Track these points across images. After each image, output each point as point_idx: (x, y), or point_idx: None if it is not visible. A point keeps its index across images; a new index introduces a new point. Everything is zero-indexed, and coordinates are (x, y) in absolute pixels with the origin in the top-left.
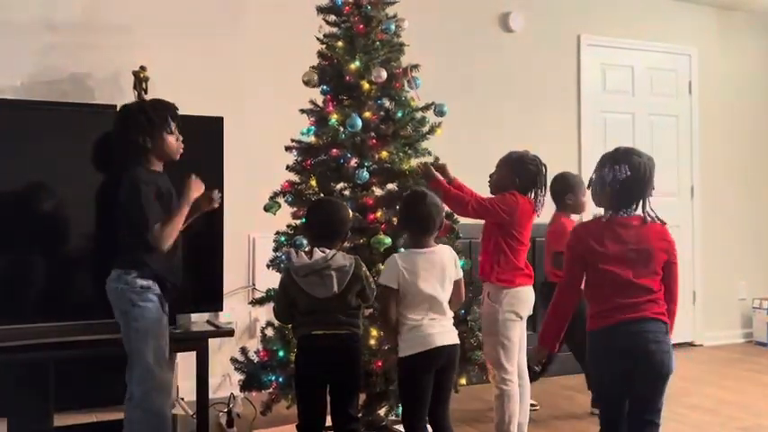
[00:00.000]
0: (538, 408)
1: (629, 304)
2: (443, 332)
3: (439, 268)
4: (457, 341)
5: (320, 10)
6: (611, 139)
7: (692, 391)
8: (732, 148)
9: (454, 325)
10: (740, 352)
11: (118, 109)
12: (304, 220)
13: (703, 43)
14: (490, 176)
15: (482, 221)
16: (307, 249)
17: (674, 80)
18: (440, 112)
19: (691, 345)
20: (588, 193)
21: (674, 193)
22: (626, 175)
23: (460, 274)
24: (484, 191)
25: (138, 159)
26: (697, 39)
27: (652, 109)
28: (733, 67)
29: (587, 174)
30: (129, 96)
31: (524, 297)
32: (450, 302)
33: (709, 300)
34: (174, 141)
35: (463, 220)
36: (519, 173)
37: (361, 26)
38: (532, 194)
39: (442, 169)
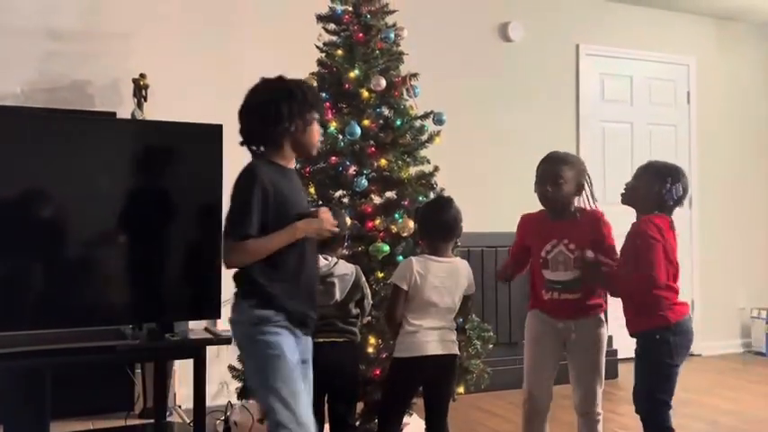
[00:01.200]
0: None
1: None
2: (441, 342)
3: (453, 280)
4: (454, 352)
5: (320, 18)
6: (610, 148)
7: (692, 401)
8: (730, 157)
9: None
10: (739, 362)
11: (259, 81)
12: None
13: (702, 53)
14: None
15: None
16: None
17: (672, 90)
18: (438, 121)
19: (690, 354)
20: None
21: None
22: (681, 194)
23: (472, 290)
24: (478, 201)
25: (272, 147)
26: (695, 49)
27: (650, 118)
28: (731, 78)
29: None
30: (129, 104)
31: None
32: (456, 316)
33: (708, 309)
34: (318, 134)
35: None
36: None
37: (361, 35)
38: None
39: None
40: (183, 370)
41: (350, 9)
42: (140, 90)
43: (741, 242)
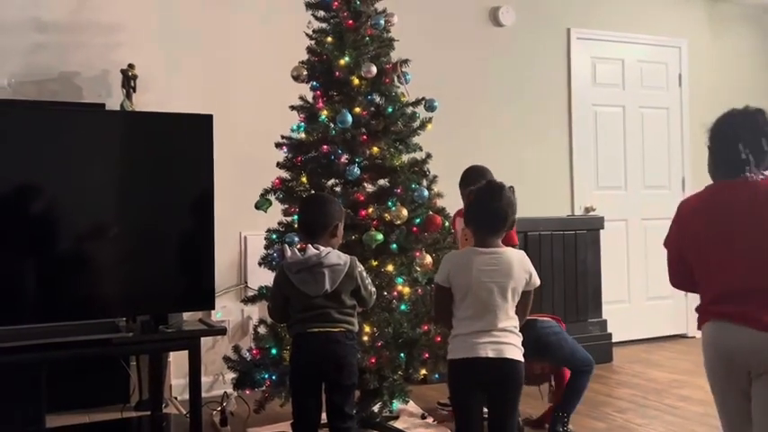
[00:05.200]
0: None
1: None
2: (491, 344)
3: (502, 273)
4: (512, 356)
5: (309, 5)
6: (602, 131)
7: (684, 382)
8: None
9: None
10: None
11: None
12: (295, 217)
13: (693, 35)
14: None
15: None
16: (299, 246)
17: (664, 72)
18: (430, 108)
19: (683, 337)
20: None
21: (665, 185)
22: None
23: (535, 284)
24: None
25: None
26: (686, 31)
27: (642, 101)
28: (723, 59)
29: (580, 166)
30: (118, 94)
31: None
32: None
33: None
34: None
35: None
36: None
37: (351, 21)
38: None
39: None
40: (178, 361)
41: None
42: (129, 81)
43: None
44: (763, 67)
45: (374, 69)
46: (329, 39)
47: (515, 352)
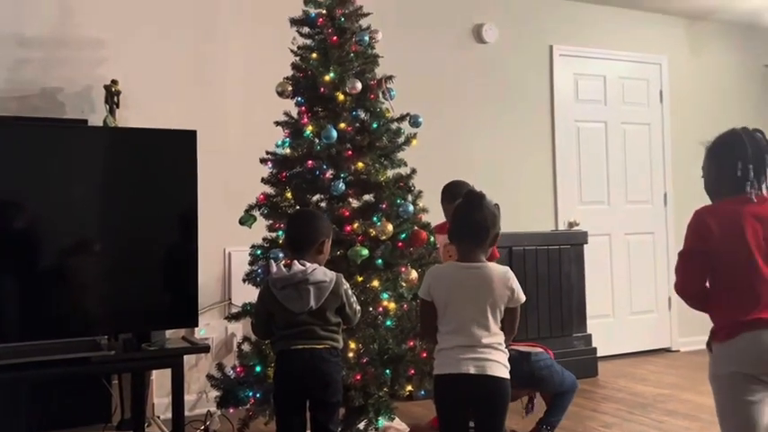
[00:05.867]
0: None
1: None
2: (474, 359)
3: (481, 288)
4: (495, 373)
5: (294, 22)
6: (585, 147)
7: (670, 396)
8: (704, 154)
9: None
10: None
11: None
12: (280, 233)
13: (673, 52)
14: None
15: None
16: (285, 262)
17: (645, 89)
18: (415, 123)
19: (668, 351)
20: None
21: (647, 200)
22: None
23: (518, 302)
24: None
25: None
26: (667, 48)
27: (624, 117)
28: (702, 75)
29: (563, 182)
30: (101, 110)
31: None
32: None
33: (685, 305)
34: None
35: None
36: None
37: (335, 38)
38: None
39: None
40: (161, 380)
41: (323, 12)
42: (112, 97)
43: None
44: (740, 82)
45: (359, 85)
46: (314, 55)
47: (499, 369)
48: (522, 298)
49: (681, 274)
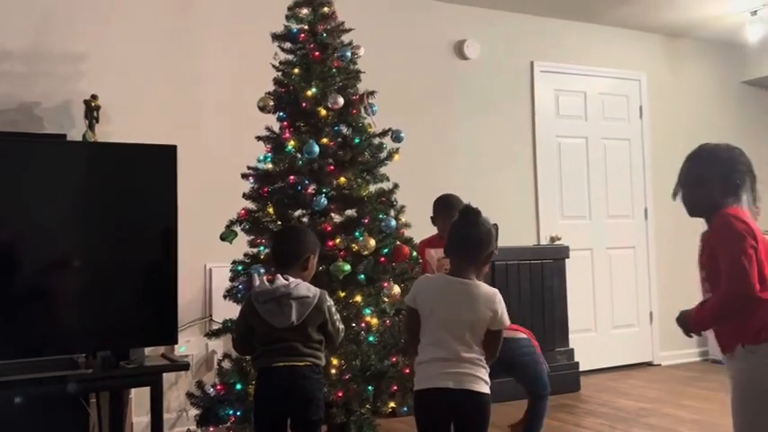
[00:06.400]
0: None
1: None
2: (453, 374)
3: (463, 305)
4: (473, 388)
5: (275, 37)
6: (566, 162)
7: (652, 411)
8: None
9: None
10: (697, 370)
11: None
12: (262, 248)
13: (652, 69)
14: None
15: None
16: (267, 277)
17: (625, 105)
18: (397, 138)
19: (649, 365)
20: None
21: (628, 214)
22: None
23: (501, 324)
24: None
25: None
26: (646, 64)
27: (605, 133)
28: (681, 91)
29: (545, 197)
30: (80, 125)
31: None
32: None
33: (666, 319)
34: None
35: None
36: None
37: (317, 53)
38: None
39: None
40: (140, 398)
41: (305, 28)
42: (92, 111)
43: (696, 253)
44: (718, 98)
45: (341, 101)
46: (296, 70)
47: (478, 383)
48: (506, 322)
49: (748, 276)
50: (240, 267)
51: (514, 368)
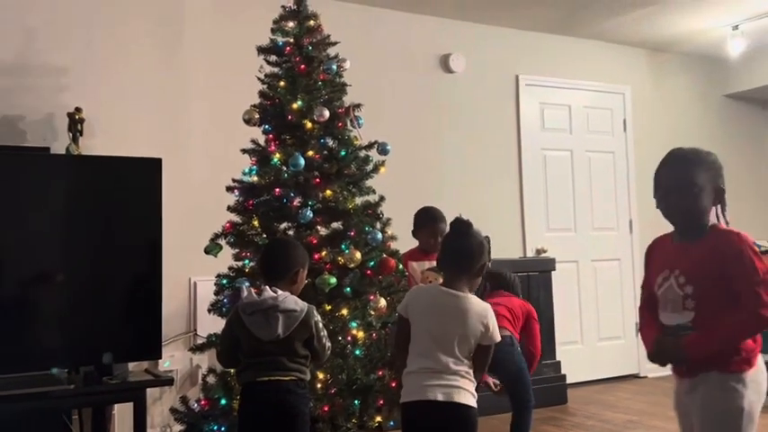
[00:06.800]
0: None
1: None
2: (441, 386)
3: (454, 318)
4: (462, 401)
5: (261, 50)
6: (552, 175)
7: (639, 423)
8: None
9: None
10: None
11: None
12: (246, 261)
13: (635, 82)
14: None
15: None
16: (255, 289)
17: (609, 118)
18: (383, 151)
19: (635, 377)
20: None
21: (613, 227)
22: None
23: (491, 340)
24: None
25: None
26: (629, 78)
27: (589, 146)
28: (664, 105)
29: (530, 209)
30: (64, 138)
31: None
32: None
33: None
34: None
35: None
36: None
37: (303, 66)
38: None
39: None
40: (123, 414)
41: (291, 41)
42: (76, 124)
43: None
44: (701, 111)
45: (327, 113)
46: (281, 83)
47: (466, 397)
48: (497, 338)
49: None
50: (225, 281)
51: (494, 365)
